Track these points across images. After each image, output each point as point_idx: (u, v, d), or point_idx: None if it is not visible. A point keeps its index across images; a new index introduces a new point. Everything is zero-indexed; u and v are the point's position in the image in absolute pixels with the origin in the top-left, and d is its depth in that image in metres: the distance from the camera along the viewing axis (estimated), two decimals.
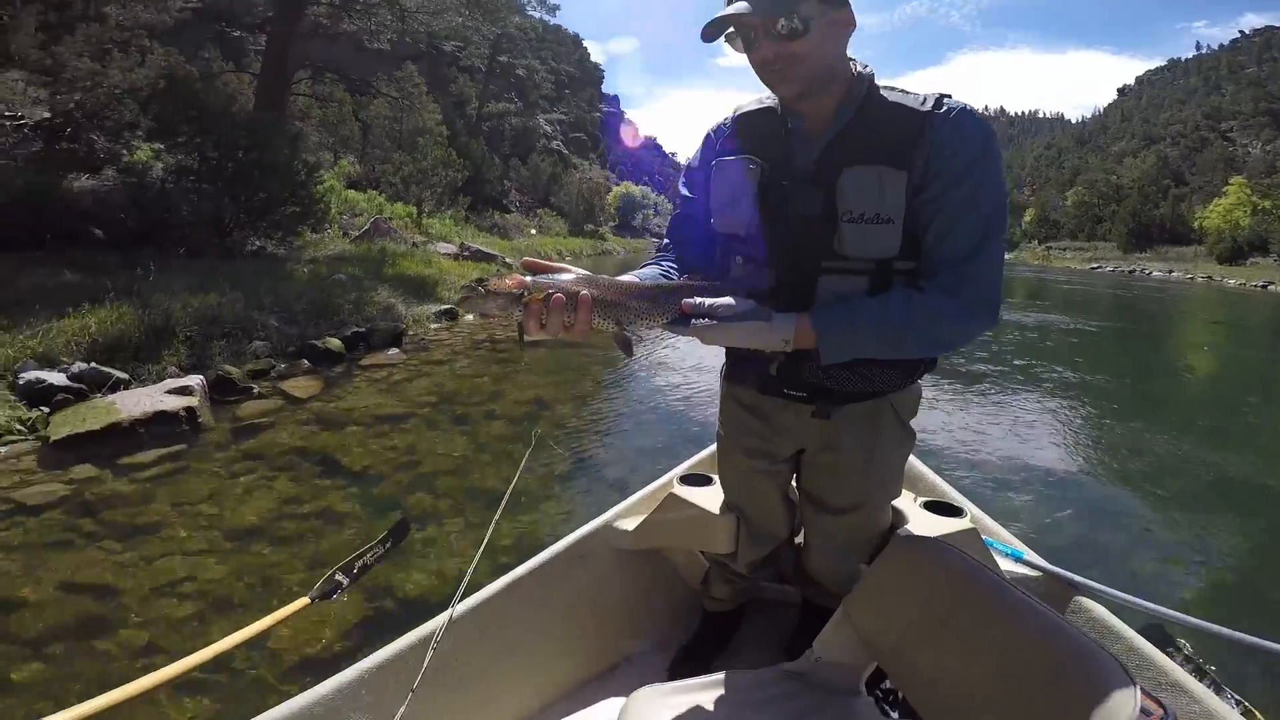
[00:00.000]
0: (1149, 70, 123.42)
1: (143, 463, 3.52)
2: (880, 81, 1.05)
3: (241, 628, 1.36)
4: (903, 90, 1.04)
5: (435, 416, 4.54)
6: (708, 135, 1.20)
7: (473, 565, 1.34)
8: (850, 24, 1.00)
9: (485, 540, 1.43)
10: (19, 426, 3.83)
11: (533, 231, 32.86)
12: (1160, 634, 1.32)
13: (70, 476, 3.32)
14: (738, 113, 1.16)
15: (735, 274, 1.11)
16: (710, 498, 1.48)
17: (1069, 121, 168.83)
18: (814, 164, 1.03)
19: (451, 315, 8.22)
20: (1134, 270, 41.04)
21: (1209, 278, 35.05)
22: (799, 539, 1.44)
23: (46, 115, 10.47)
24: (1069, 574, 1.41)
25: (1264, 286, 30.18)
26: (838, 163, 1.00)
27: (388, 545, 1.85)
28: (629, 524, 1.62)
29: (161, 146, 9.00)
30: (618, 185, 57.03)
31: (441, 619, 1.24)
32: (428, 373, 5.72)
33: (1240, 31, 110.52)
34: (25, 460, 3.53)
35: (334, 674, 1.14)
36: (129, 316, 5.06)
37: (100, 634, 2.19)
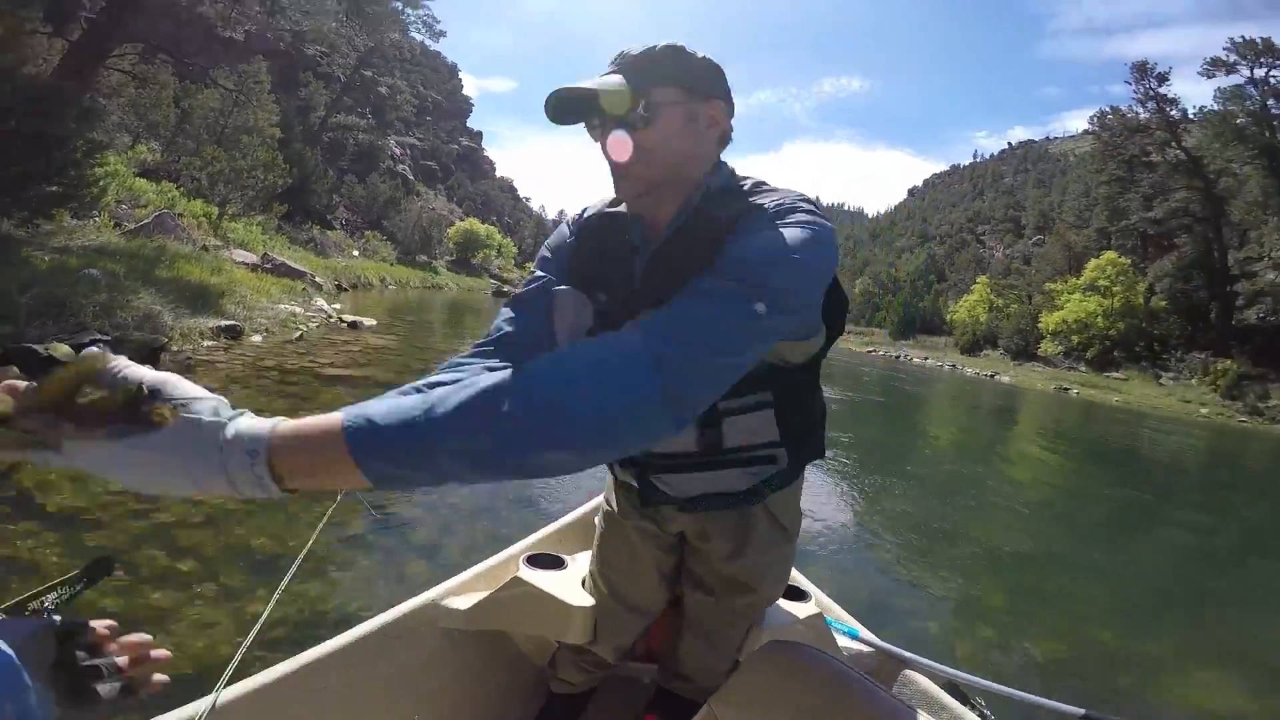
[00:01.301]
0: (935, 174, 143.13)
1: None
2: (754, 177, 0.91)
3: None
4: (770, 189, 0.86)
5: None
6: (550, 246, 1.02)
7: (251, 635, 1.04)
8: (717, 123, 0.87)
9: (271, 604, 1.13)
10: None
11: (355, 253, 30.88)
12: (962, 695, 1.50)
13: None
14: (582, 220, 1.00)
15: None
16: (562, 582, 1.38)
17: (867, 216, 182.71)
18: (639, 291, 0.88)
19: (234, 333, 7.39)
20: (899, 355, 46.74)
21: (954, 365, 41.50)
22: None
23: None
24: (897, 649, 1.50)
25: (992, 376, 36.34)
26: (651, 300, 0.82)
27: (79, 587, 1.60)
28: (462, 602, 1.45)
29: None
30: (462, 220, 55.91)
31: (201, 705, 0.95)
32: None
33: (1008, 143, 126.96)
34: None
35: None
36: None
37: None
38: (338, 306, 12.72)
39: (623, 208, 0.94)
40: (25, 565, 2.46)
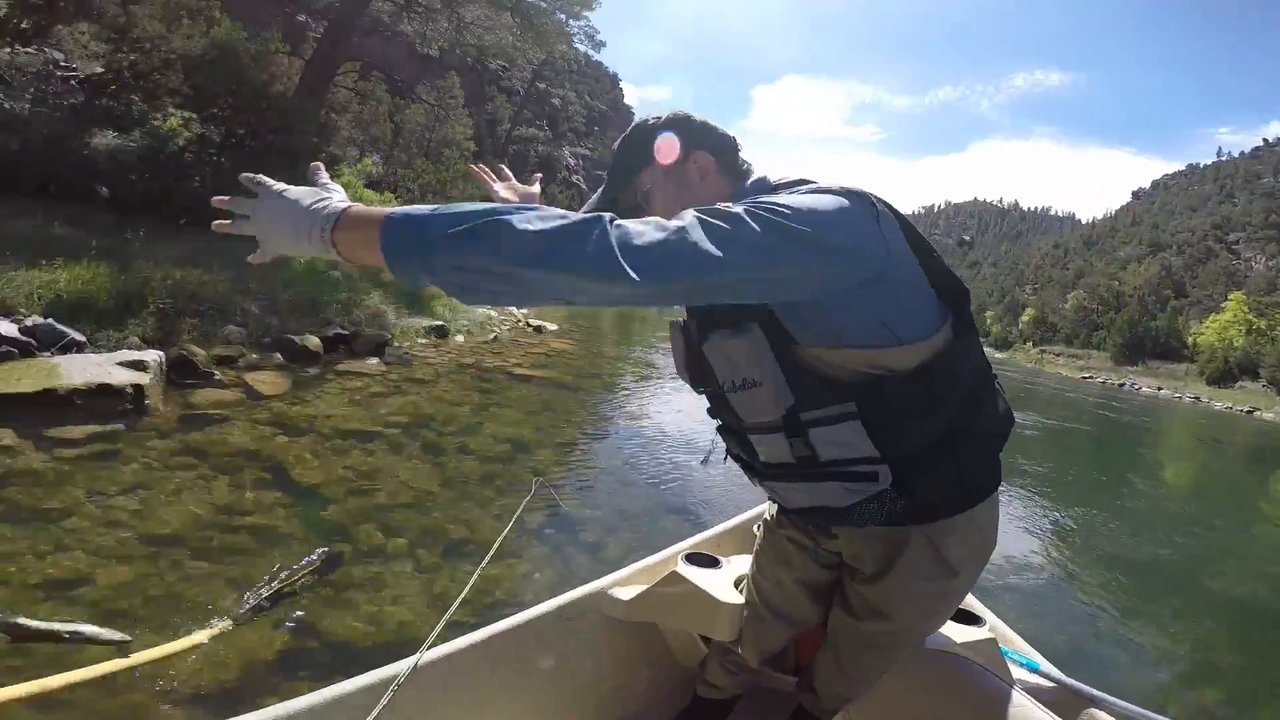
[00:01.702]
0: (1166, 174, 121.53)
1: (70, 438, 3.22)
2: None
3: (150, 646, 1.29)
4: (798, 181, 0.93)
5: (404, 441, 4.25)
6: None
7: (450, 609, 1.30)
8: (706, 169, 0.95)
9: (472, 582, 1.44)
10: None
11: None
12: None
13: None
14: None
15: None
16: (716, 581, 1.43)
17: (1079, 221, 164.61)
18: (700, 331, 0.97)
19: (441, 333, 8.01)
20: (1124, 384, 40.20)
21: (1196, 398, 34.79)
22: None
23: (99, 70, 10.48)
24: (1083, 686, 1.39)
25: (1249, 412, 29.92)
26: (702, 330, 0.96)
27: (315, 571, 1.82)
28: (625, 593, 1.54)
29: (193, 115, 8.93)
30: None
31: (405, 664, 1.15)
32: (405, 390, 5.46)
33: (1263, 140, 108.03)
34: None
35: (271, 705, 1.03)
36: (103, 277, 4.83)
37: None
38: (524, 311, 13.54)
39: None
40: (273, 533, 2.77)
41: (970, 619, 1.45)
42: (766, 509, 1.32)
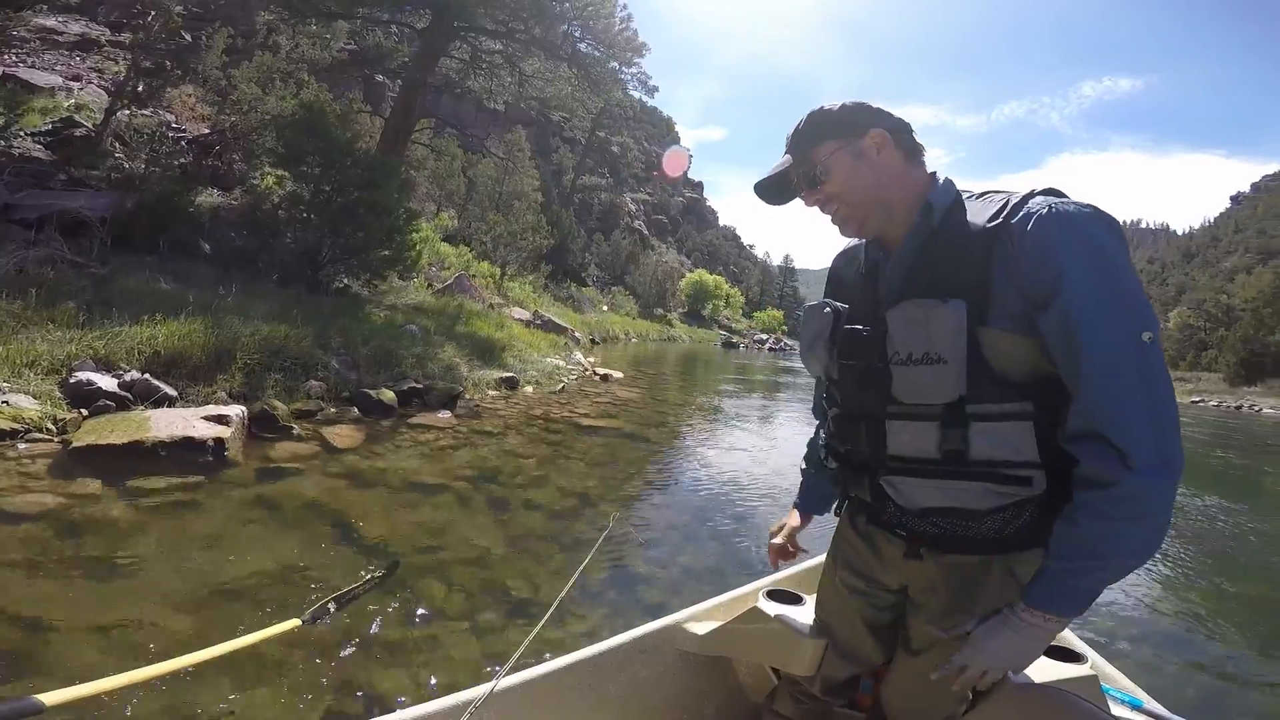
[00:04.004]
0: (1266, 175, 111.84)
1: (151, 489, 3.27)
2: (978, 186, 0.99)
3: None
4: (995, 192, 0.94)
5: (471, 494, 4.14)
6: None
7: (531, 634, 1.33)
8: (882, 144, 0.98)
9: (548, 613, 1.46)
10: (50, 425, 3.70)
11: (604, 308, 33.46)
12: None
13: (70, 489, 3.10)
14: (838, 252, 1.18)
15: (826, 424, 1.15)
16: (799, 616, 1.42)
17: (1174, 233, 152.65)
18: (884, 303, 0.99)
19: (511, 384, 8.00)
20: (1241, 406, 34.63)
21: None
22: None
23: (205, 131, 11.52)
24: None
25: None
26: (896, 300, 0.95)
27: (378, 580, 1.91)
28: (700, 627, 1.57)
29: (285, 174, 9.50)
30: (691, 272, 57.68)
31: (483, 689, 1.18)
32: (474, 443, 5.39)
33: None
34: (39, 463, 3.35)
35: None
36: (197, 333, 5.04)
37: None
38: (591, 360, 13.56)
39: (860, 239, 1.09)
40: (334, 588, 2.60)
41: (1071, 656, 1.37)
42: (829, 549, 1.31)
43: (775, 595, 1.52)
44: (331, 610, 1.52)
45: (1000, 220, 0.87)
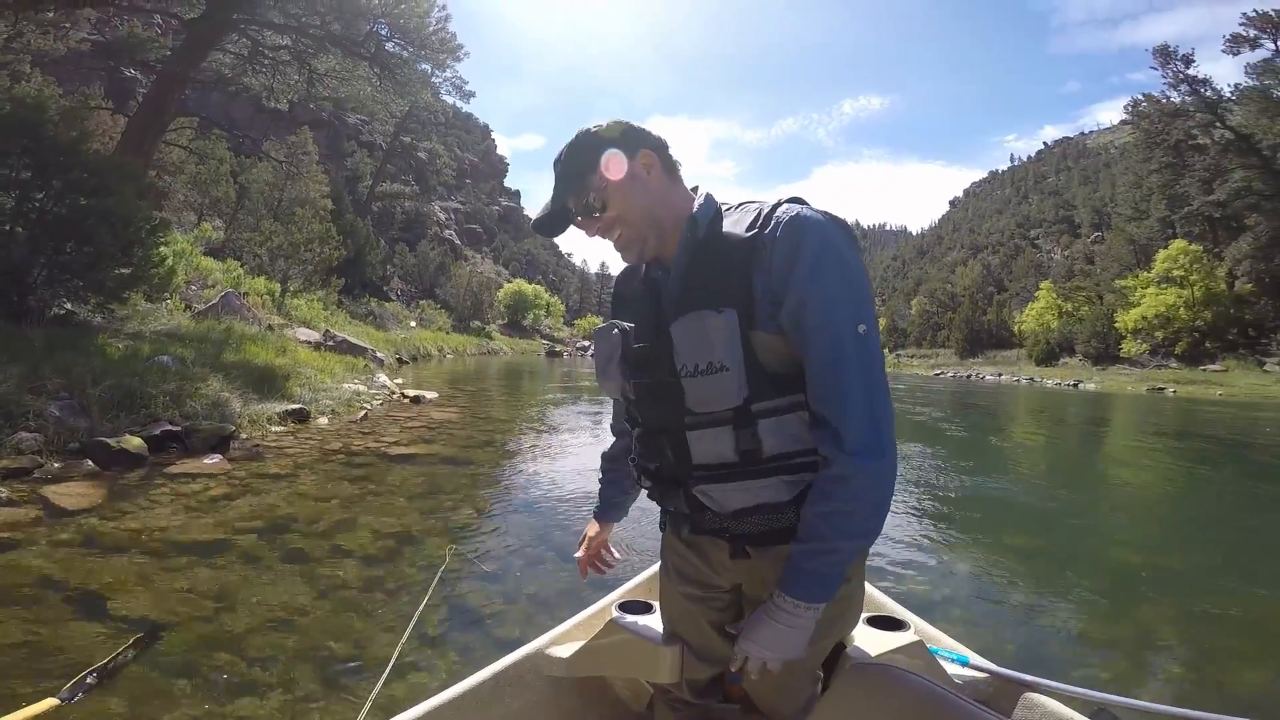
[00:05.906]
0: (974, 182, 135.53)
1: None
2: (739, 199, 1.05)
3: None
4: (749, 203, 1.02)
5: (261, 549, 3.55)
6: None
7: (374, 692, 1.28)
8: (651, 164, 1.01)
9: (394, 659, 1.43)
10: None
11: (413, 324, 31.49)
12: (1111, 717, 1.35)
13: None
14: (620, 272, 1.20)
15: (632, 444, 1.16)
16: (653, 625, 1.43)
17: (911, 233, 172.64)
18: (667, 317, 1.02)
19: (300, 417, 7.12)
20: (970, 375, 43.44)
21: (1031, 379, 38.13)
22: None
23: None
24: (1016, 673, 1.45)
25: (1075, 385, 33.35)
26: (677, 314, 0.98)
27: (142, 641, 1.82)
28: (563, 650, 1.54)
29: None
30: (510, 282, 56.69)
31: None
32: (257, 489, 4.68)
33: (1043, 143, 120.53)
34: None
35: None
36: None
37: None
38: (399, 381, 12.63)
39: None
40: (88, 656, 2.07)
41: (895, 625, 1.48)
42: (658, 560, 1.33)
43: (627, 607, 1.53)
44: (90, 683, 1.40)
45: (755, 230, 0.94)
